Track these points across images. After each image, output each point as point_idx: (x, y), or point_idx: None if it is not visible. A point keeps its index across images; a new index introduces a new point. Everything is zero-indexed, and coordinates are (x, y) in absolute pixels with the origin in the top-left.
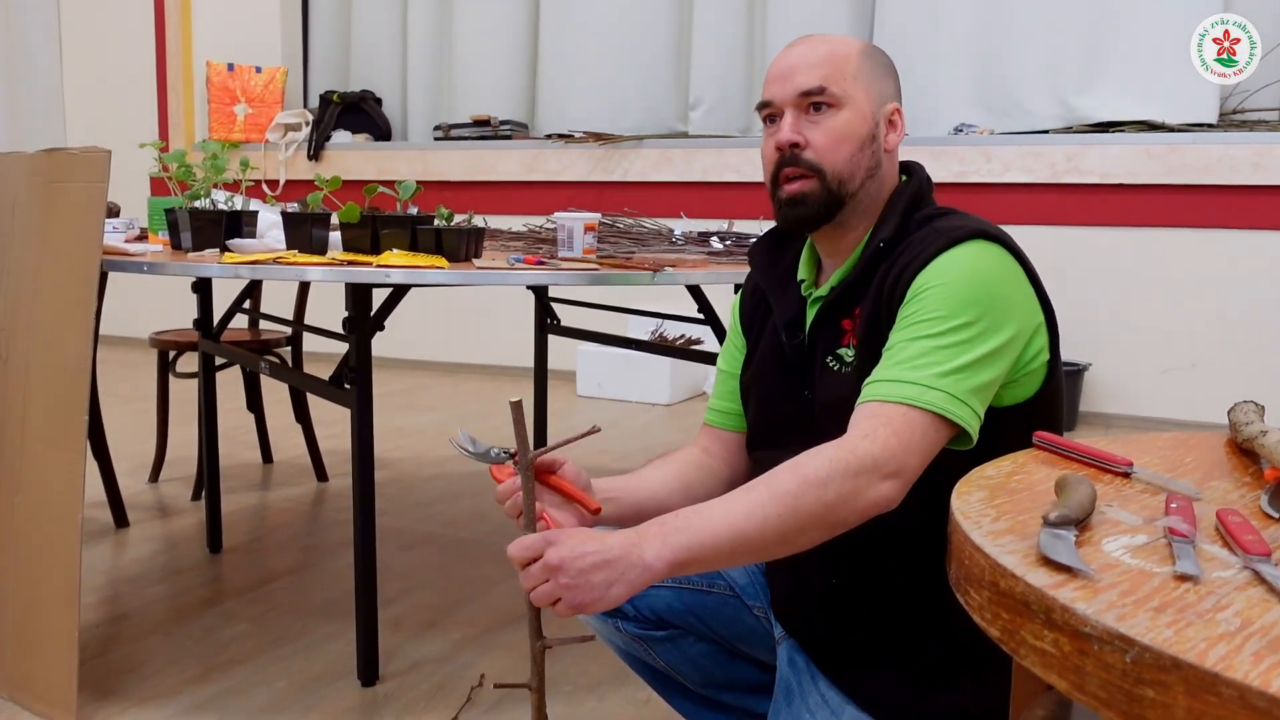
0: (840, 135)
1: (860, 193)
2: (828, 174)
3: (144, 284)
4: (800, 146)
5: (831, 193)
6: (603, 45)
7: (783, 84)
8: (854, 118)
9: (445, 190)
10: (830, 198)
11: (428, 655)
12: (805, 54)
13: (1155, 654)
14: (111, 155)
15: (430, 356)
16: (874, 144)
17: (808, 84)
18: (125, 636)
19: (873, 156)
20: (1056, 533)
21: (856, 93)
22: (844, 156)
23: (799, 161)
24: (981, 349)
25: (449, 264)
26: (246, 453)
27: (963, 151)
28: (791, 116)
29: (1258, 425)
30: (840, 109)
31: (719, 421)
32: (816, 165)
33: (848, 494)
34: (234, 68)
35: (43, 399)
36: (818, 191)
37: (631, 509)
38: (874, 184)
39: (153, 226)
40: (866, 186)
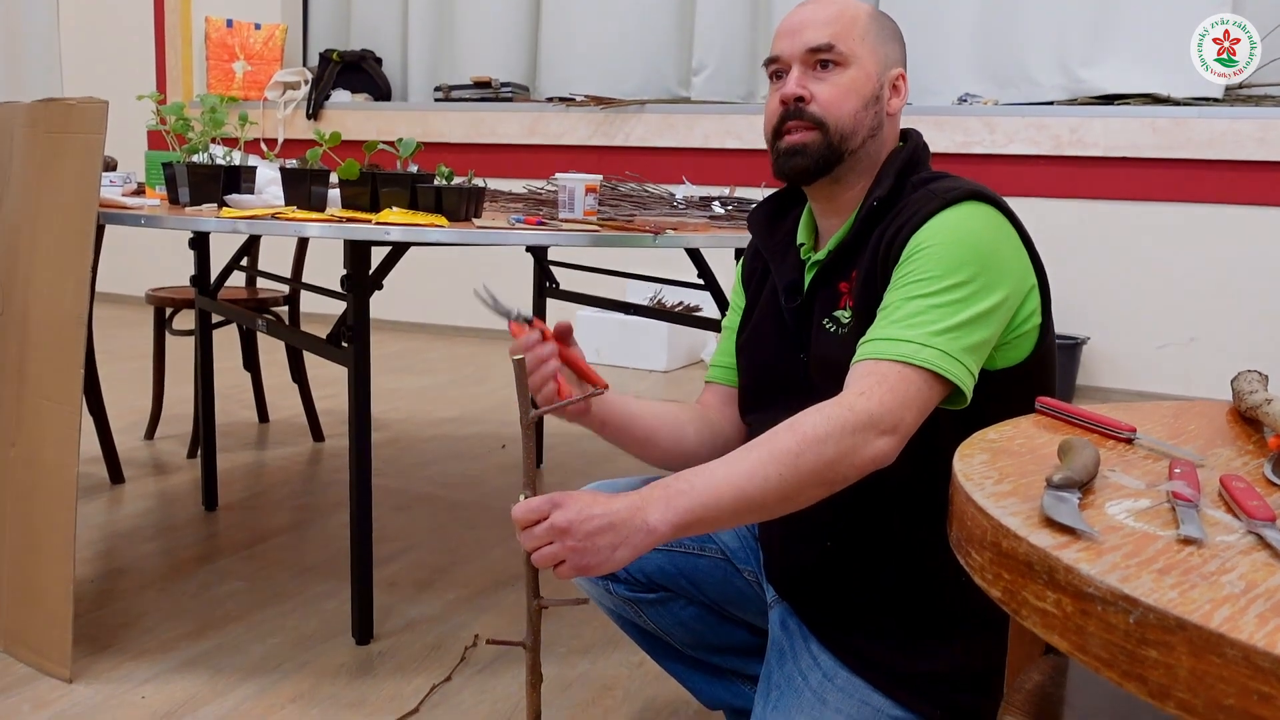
0: (845, 91)
1: (860, 150)
2: (830, 128)
3: (141, 240)
4: (805, 100)
5: (832, 146)
6: (605, 8)
7: (791, 39)
8: (860, 76)
9: (445, 152)
10: (830, 150)
11: (422, 615)
12: (815, 11)
13: (1160, 615)
14: (109, 106)
15: (428, 319)
16: (877, 104)
17: (816, 40)
18: (120, 591)
19: (875, 116)
20: (1060, 495)
21: (863, 53)
22: (848, 112)
23: (803, 115)
24: (975, 308)
25: (449, 223)
26: (242, 411)
27: (966, 122)
28: (799, 71)
29: (1262, 394)
30: (847, 67)
31: (722, 377)
32: (820, 118)
33: (846, 450)
34: (233, 24)
35: (39, 352)
36: (819, 142)
37: (620, 418)
38: (874, 144)
39: (150, 181)
40: (867, 146)
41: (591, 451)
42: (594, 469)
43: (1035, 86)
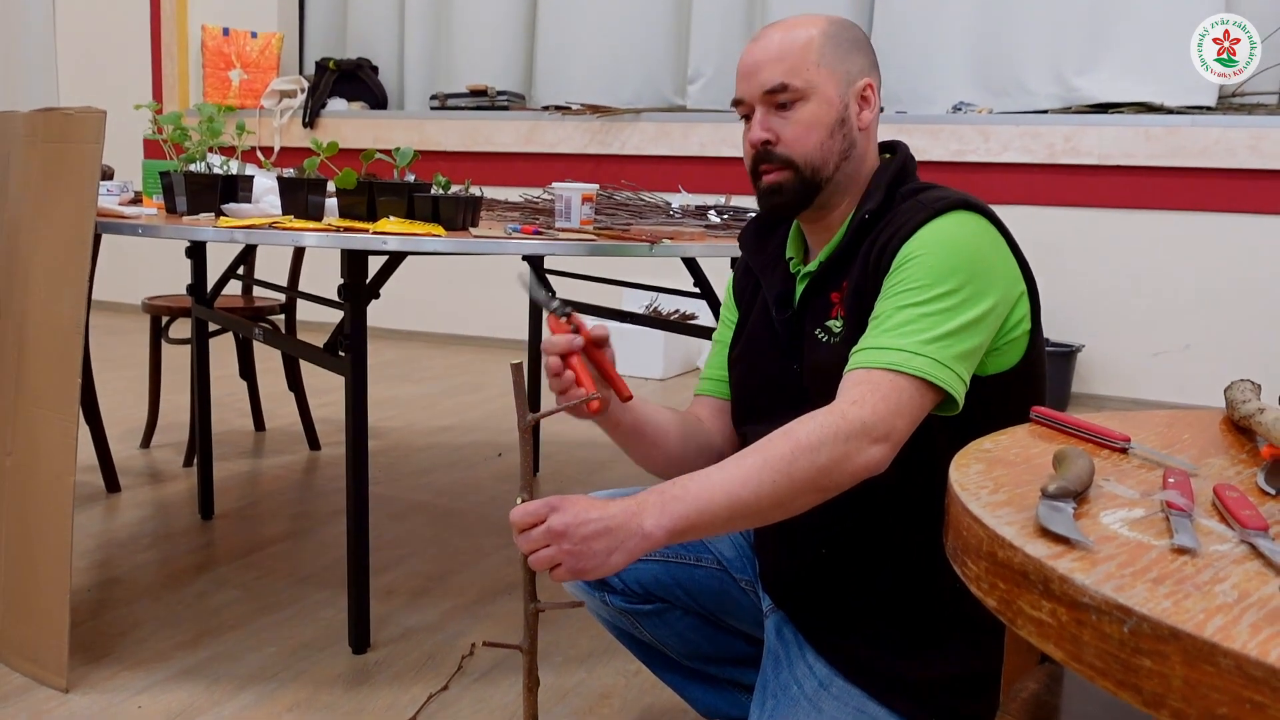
0: (808, 126)
1: (836, 174)
2: (800, 164)
3: (137, 249)
4: (772, 143)
5: (806, 181)
6: (601, 17)
7: (748, 82)
8: (820, 106)
9: (441, 160)
10: (805, 186)
11: (419, 624)
12: (766, 48)
13: (1153, 624)
14: (107, 116)
15: (424, 327)
16: (844, 126)
17: (770, 81)
18: (116, 601)
19: (845, 139)
20: (1055, 505)
21: (820, 79)
22: (814, 145)
23: (772, 157)
24: (965, 316)
25: (446, 232)
26: (238, 420)
27: (961, 130)
28: (760, 114)
29: (1255, 403)
30: (806, 100)
31: (713, 390)
32: (788, 158)
33: (839, 458)
34: (229, 32)
35: (36, 360)
36: (792, 181)
37: (634, 423)
38: (850, 164)
39: (147, 190)
40: (842, 168)
41: (588, 459)
42: (591, 476)
43: (1029, 95)
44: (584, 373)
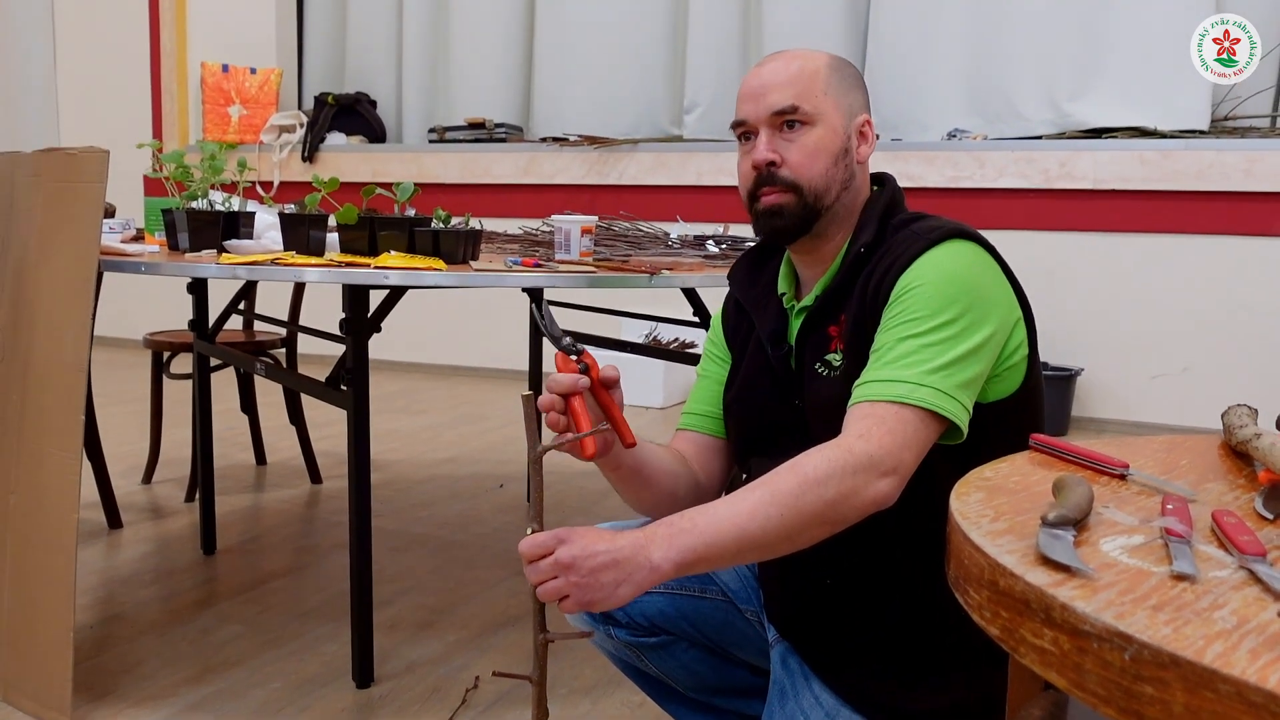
0: (814, 151)
1: (836, 204)
2: (804, 189)
3: (137, 285)
4: (777, 165)
5: (808, 206)
6: (597, 49)
7: (756, 103)
8: (827, 133)
9: (440, 192)
10: (807, 211)
11: (423, 657)
12: (777, 72)
13: (1154, 651)
14: (110, 156)
15: (424, 359)
16: (847, 157)
17: (781, 103)
18: (119, 637)
19: (846, 169)
20: (1055, 533)
21: (828, 107)
22: (819, 171)
23: (776, 179)
24: (966, 345)
25: (446, 266)
26: (239, 454)
27: (956, 157)
28: (766, 135)
29: (1251, 428)
30: (813, 125)
31: (695, 424)
32: (793, 182)
33: (847, 492)
34: (229, 69)
35: (40, 398)
36: (795, 204)
37: (632, 466)
38: (848, 195)
39: (149, 227)
40: (842, 198)
41: (589, 489)
42: (593, 506)
43: (1023, 121)
44: (584, 415)
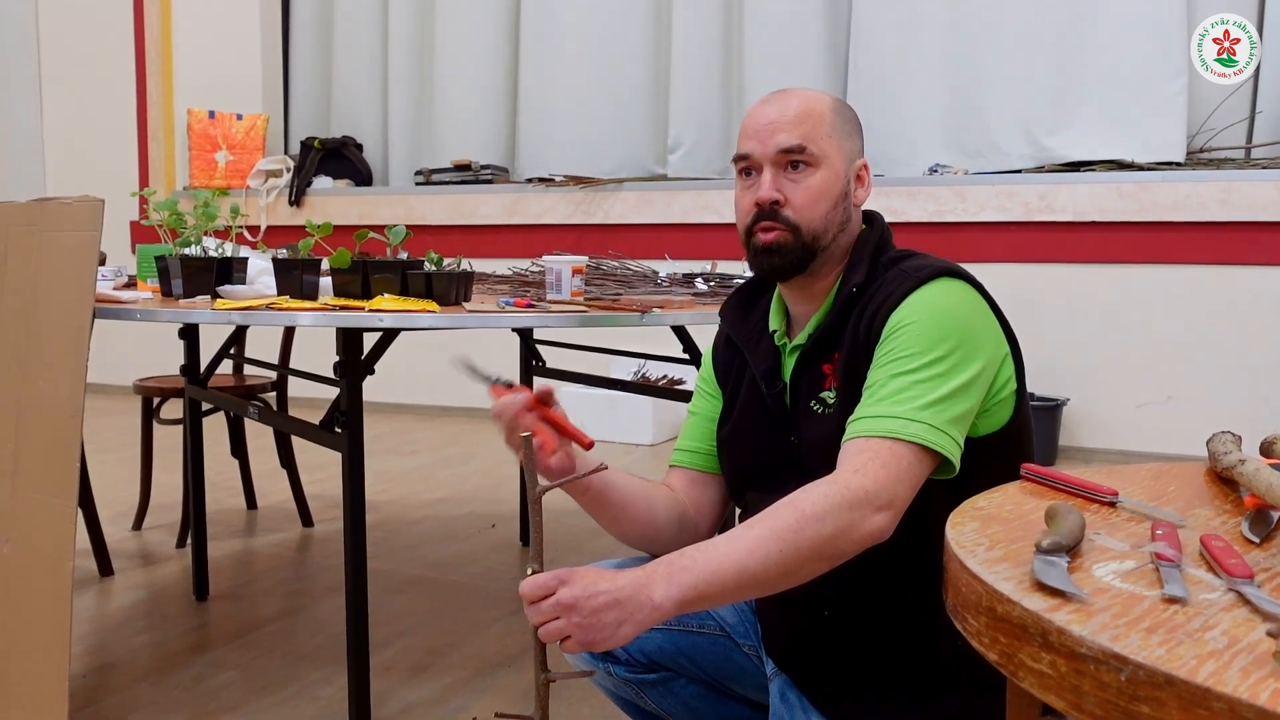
0: (817, 194)
1: (832, 245)
2: (804, 230)
3: (124, 332)
4: (780, 204)
5: (805, 246)
6: (582, 90)
7: (762, 141)
8: (829, 176)
9: (427, 234)
10: (804, 251)
11: (419, 699)
12: (784, 110)
13: (1149, 671)
14: (104, 205)
15: (414, 400)
16: (846, 200)
17: (788, 142)
18: (113, 686)
19: (844, 212)
20: (1049, 559)
21: (831, 150)
22: (820, 214)
23: (777, 217)
24: (956, 380)
25: (439, 308)
26: (230, 499)
27: (938, 191)
28: (770, 174)
29: (1236, 455)
30: (818, 168)
31: (688, 461)
32: (794, 223)
33: (844, 527)
34: (215, 115)
35: (34, 446)
36: (792, 244)
37: (600, 487)
38: (843, 236)
39: (142, 274)
40: (837, 239)
41: (580, 527)
42: (584, 544)
43: (1003, 155)
44: (549, 436)
